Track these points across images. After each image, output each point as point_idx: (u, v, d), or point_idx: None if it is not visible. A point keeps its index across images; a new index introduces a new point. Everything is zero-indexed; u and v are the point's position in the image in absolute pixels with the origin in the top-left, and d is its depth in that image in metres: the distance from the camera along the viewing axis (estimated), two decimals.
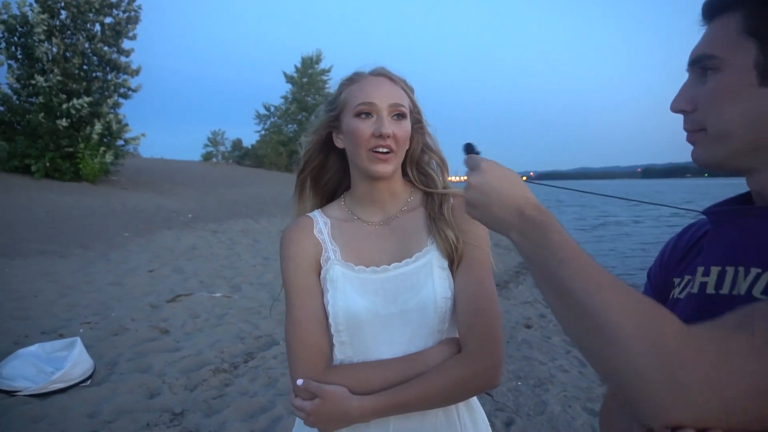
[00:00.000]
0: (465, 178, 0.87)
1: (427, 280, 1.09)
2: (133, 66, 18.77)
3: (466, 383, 1.04)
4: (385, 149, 1.10)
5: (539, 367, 4.34)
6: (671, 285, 0.87)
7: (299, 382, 1.07)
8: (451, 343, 1.09)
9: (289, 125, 47.57)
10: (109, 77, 18.33)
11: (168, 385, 3.56)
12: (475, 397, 1.16)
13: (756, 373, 0.51)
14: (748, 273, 0.69)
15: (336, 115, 1.17)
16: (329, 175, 1.26)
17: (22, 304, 5.15)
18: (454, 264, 1.11)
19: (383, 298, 1.10)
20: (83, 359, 3.61)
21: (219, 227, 11.76)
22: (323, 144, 1.22)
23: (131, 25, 18.64)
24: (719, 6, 0.73)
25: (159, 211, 13.48)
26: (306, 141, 1.23)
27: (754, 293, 0.67)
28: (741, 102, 0.70)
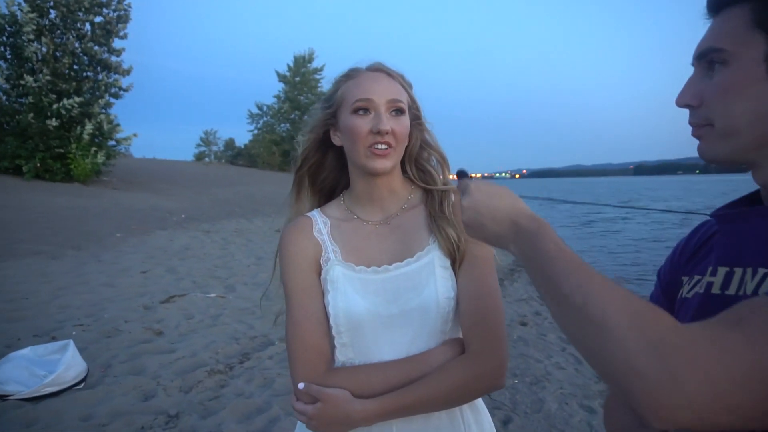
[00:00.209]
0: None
1: (429, 279, 1.07)
2: (125, 65, 18.66)
3: (470, 385, 1.02)
4: (384, 146, 1.08)
5: (535, 365, 4.35)
6: (680, 284, 0.86)
7: (300, 385, 1.05)
8: (454, 344, 1.07)
9: (282, 124, 47.51)
10: (100, 77, 18.19)
11: (163, 387, 3.53)
12: (480, 398, 1.15)
13: (751, 367, 0.51)
14: (755, 273, 0.69)
15: (333, 113, 1.15)
16: (326, 174, 1.24)
17: (13, 306, 5.10)
18: (456, 263, 1.09)
19: (384, 298, 1.08)
20: (76, 362, 3.57)
21: (212, 227, 11.71)
22: (320, 142, 1.19)
23: (122, 24, 18.50)
24: None
25: (152, 212, 13.40)
26: (303, 139, 1.21)
27: (760, 293, 0.67)
28: (749, 96, 0.69)
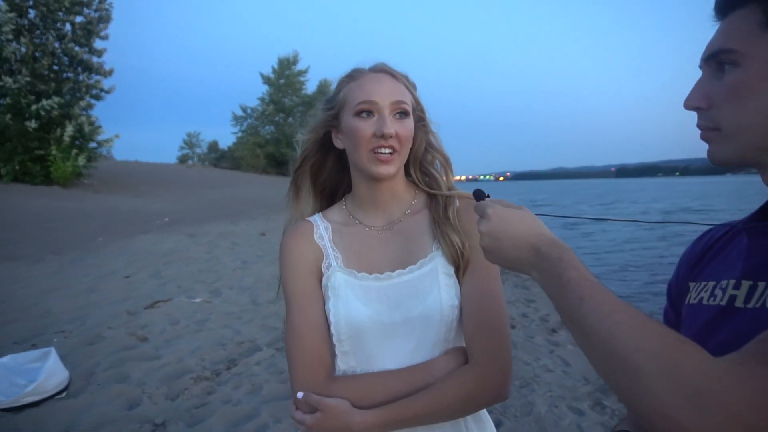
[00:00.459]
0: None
1: (433, 287, 1.05)
2: (106, 66, 18.42)
3: (475, 396, 1.00)
4: (388, 150, 1.05)
5: (524, 368, 4.35)
6: (687, 290, 0.86)
7: (300, 394, 1.02)
8: (458, 353, 1.05)
9: (266, 126, 47.32)
10: (81, 78, 17.92)
11: (148, 395, 3.46)
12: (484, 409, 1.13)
13: None
14: None
15: (335, 114, 1.12)
16: (327, 175, 1.22)
17: None
18: (460, 270, 1.07)
19: (387, 306, 1.06)
20: (58, 370, 3.49)
21: (197, 230, 11.57)
22: (321, 143, 1.17)
23: (103, 24, 18.27)
24: (735, 0, 0.71)
25: (135, 215, 13.20)
26: (303, 138, 1.18)
27: None
28: (761, 96, 0.68)
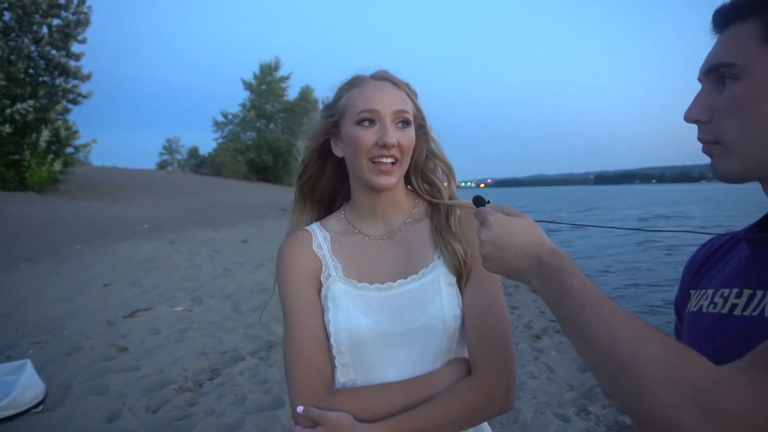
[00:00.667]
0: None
1: (435, 297, 1.04)
2: (84, 71, 18.11)
3: (479, 407, 0.98)
4: (390, 159, 1.04)
5: None
6: (688, 298, 0.86)
7: (299, 408, 1.00)
8: (460, 364, 1.03)
9: (248, 132, 47.03)
10: (58, 82, 17.60)
11: (128, 408, 3.38)
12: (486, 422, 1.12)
13: None
14: None
15: (334, 122, 1.10)
16: (325, 183, 1.20)
17: None
18: (462, 279, 1.05)
19: (388, 316, 1.04)
20: (34, 383, 3.40)
21: (177, 237, 11.41)
22: (320, 150, 1.15)
23: (81, 28, 18.00)
24: (734, 14, 0.72)
25: (113, 222, 12.96)
26: (302, 146, 1.17)
27: None
28: (764, 110, 0.68)
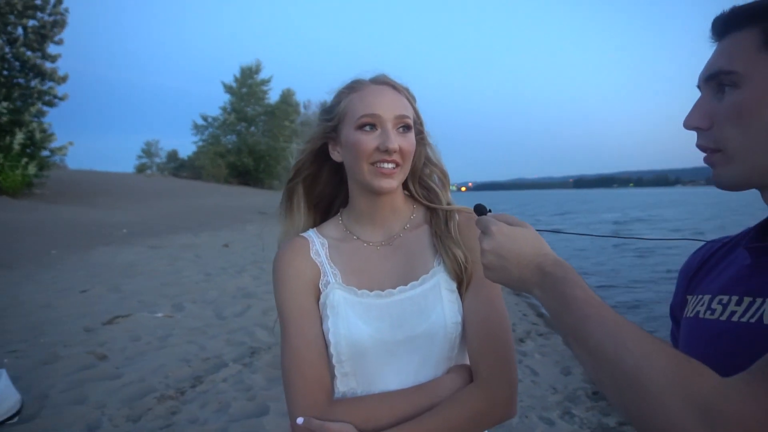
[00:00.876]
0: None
1: (436, 304, 1.03)
2: (60, 72, 17.76)
3: (483, 415, 0.98)
4: (391, 164, 1.03)
5: None
6: (685, 303, 0.87)
7: (300, 420, 0.98)
8: (462, 371, 1.03)
9: (228, 136, 46.67)
10: (33, 83, 17.23)
11: (108, 417, 3.30)
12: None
13: None
14: None
15: (334, 126, 1.09)
16: (321, 188, 1.18)
17: None
18: (462, 285, 1.05)
19: (389, 324, 1.03)
20: (9, 393, 3.30)
21: (158, 242, 11.25)
22: (317, 154, 1.14)
23: (57, 29, 17.66)
24: (734, 22, 0.73)
25: (91, 226, 12.71)
26: (298, 149, 1.15)
27: None
28: (763, 118, 0.69)
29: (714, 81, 0.74)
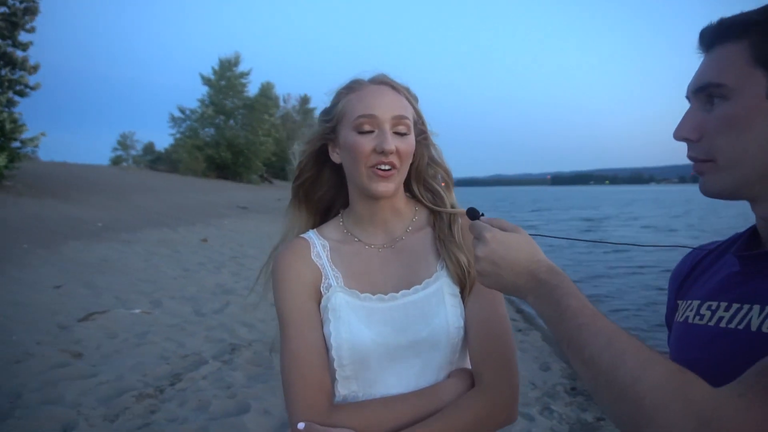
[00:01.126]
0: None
1: (439, 308, 1.02)
2: (32, 62, 17.22)
3: (485, 419, 0.97)
4: (387, 166, 1.01)
5: None
6: (676, 308, 0.88)
7: (300, 425, 0.96)
8: (464, 375, 1.02)
9: (206, 128, 45.98)
10: (3, 72, 16.68)
11: (84, 417, 3.23)
12: None
13: None
14: (762, 310, 0.71)
15: (332, 127, 1.07)
16: (323, 190, 1.17)
17: None
18: (465, 290, 1.04)
19: (392, 328, 1.02)
20: None
21: (133, 237, 11.02)
22: (316, 156, 1.12)
23: (29, 17, 17.11)
24: (722, 34, 0.74)
25: (63, 220, 12.39)
26: (299, 150, 1.13)
27: (763, 329, 0.69)
28: (753, 131, 0.70)
29: (703, 93, 0.75)
